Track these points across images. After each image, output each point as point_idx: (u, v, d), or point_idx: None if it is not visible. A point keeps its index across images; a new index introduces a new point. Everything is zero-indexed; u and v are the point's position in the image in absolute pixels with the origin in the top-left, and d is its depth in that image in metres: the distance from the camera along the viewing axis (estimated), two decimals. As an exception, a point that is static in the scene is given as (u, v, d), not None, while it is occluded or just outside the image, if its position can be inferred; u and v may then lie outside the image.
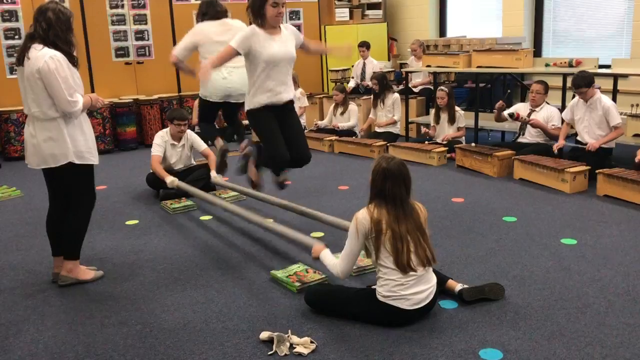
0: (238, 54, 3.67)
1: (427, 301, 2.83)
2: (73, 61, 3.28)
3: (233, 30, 4.28)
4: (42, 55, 3.16)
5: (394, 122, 7.21)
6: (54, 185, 3.45)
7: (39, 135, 3.27)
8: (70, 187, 3.41)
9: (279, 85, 3.75)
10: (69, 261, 3.49)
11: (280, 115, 3.84)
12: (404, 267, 2.74)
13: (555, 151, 5.49)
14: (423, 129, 6.83)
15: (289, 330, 2.81)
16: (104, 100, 3.59)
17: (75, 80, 3.27)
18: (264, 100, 3.75)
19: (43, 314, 3.16)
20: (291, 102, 3.91)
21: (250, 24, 3.77)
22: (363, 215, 2.82)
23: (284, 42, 3.72)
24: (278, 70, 3.71)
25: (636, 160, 4.76)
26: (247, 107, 3.86)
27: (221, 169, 4.83)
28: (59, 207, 3.49)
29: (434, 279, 2.90)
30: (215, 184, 5.41)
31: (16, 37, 7.47)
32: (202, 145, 5.56)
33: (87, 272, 3.57)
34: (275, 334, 2.75)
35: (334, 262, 3.05)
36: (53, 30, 3.20)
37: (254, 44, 3.62)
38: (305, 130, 7.89)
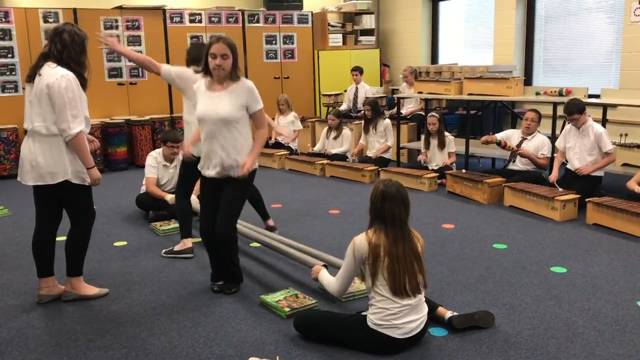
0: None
1: (418, 330, 2.82)
2: (83, 82, 3.34)
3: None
4: (55, 73, 3.22)
5: (388, 149, 7.24)
6: (46, 203, 3.42)
7: (38, 151, 3.27)
8: (66, 205, 3.43)
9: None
10: (72, 277, 3.52)
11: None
12: (400, 291, 2.73)
13: (551, 182, 5.42)
14: (419, 157, 6.84)
15: (277, 357, 2.78)
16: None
17: (82, 102, 3.30)
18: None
19: (27, 336, 3.10)
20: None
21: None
22: (360, 241, 2.81)
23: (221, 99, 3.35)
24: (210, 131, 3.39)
25: (637, 190, 4.76)
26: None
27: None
28: (46, 227, 3.47)
29: (425, 309, 2.89)
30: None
31: (9, 55, 7.42)
32: None
33: (90, 288, 3.59)
34: (263, 360, 2.72)
35: (331, 281, 3.09)
36: (67, 51, 3.28)
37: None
38: (298, 155, 7.92)
